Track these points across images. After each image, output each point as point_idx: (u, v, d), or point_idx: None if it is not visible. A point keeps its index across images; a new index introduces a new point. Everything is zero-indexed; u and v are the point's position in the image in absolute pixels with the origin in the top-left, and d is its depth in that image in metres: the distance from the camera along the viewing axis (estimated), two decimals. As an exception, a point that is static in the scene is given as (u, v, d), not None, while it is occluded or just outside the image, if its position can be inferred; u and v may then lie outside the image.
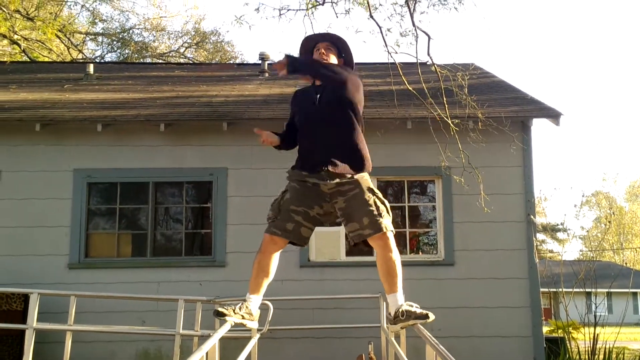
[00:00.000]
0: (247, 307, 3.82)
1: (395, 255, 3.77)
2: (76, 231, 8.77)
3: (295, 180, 3.92)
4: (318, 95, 3.94)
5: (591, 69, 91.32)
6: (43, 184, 8.86)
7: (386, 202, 3.88)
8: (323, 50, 4.01)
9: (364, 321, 7.86)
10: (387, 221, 3.78)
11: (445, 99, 8.24)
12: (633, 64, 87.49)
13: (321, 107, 3.92)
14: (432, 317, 3.62)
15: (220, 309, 3.78)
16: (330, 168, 3.80)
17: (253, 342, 5.01)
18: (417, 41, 8.50)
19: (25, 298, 7.80)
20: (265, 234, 3.86)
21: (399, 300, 3.77)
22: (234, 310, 3.75)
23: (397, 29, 11.19)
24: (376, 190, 3.88)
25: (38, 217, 8.76)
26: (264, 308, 5.64)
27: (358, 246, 3.99)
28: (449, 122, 8.09)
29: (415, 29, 8.60)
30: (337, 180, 3.81)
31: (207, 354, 3.07)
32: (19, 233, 8.72)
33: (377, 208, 3.78)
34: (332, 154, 3.83)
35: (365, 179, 3.87)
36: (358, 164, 3.87)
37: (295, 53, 4.18)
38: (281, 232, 3.82)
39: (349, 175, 3.83)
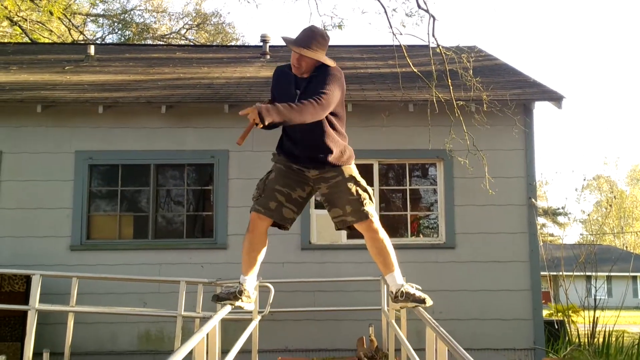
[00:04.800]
0: (243, 290, 3.85)
1: (382, 235, 3.81)
2: (78, 213, 8.78)
3: (281, 162, 3.95)
4: (298, 92, 3.81)
5: (594, 52, 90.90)
6: (44, 166, 8.86)
7: (369, 189, 3.91)
8: (295, 61, 3.76)
9: (364, 304, 7.90)
10: (369, 208, 3.82)
11: (450, 81, 8.22)
12: (635, 48, 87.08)
13: None
14: (429, 302, 3.66)
15: (219, 295, 3.84)
16: (310, 167, 3.85)
17: (254, 324, 5.03)
18: (421, 22, 8.48)
19: (28, 279, 7.83)
20: (252, 213, 3.87)
21: (397, 279, 3.79)
22: (233, 295, 3.80)
23: (403, 9, 11.16)
24: (359, 178, 3.90)
25: (40, 199, 8.77)
26: (265, 290, 5.68)
27: (342, 229, 3.99)
28: (454, 103, 8.07)
29: (419, 10, 8.56)
30: (320, 169, 3.86)
31: (207, 335, 3.08)
32: (20, 215, 8.73)
33: (360, 196, 3.81)
34: (312, 153, 3.82)
35: (348, 166, 3.90)
36: (338, 159, 3.86)
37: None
38: (264, 210, 3.83)
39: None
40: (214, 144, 9.00)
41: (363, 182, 3.90)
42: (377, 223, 3.82)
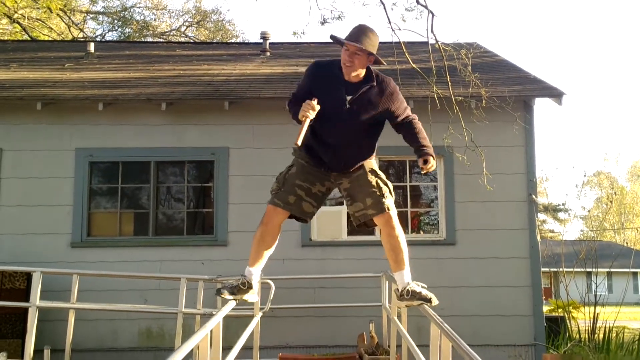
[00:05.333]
0: (247, 282, 3.86)
1: (399, 232, 3.82)
2: (78, 210, 8.79)
3: (303, 158, 3.94)
4: (349, 97, 3.73)
5: (594, 48, 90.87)
6: (45, 163, 8.85)
7: (389, 182, 3.94)
8: (347, 57, 3.68)
9: (365, 300, 7.90)
10: (389, 201, 3.84)
11: (449, 77, 8.21)
12: (636, 44, 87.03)
13: (351, 114, 3.74)
14: (435, 301, 3.67)
15: (221, 289, 3.84)
16: (335, 175, 3.91)
17: (255, 320, 5.04)
18: (420, 16, 8.48)
19: (28, 276, 7.83)
20: (268, 205, 3.88)
21: (405, 278, 3.82)
22: (236, 289, 3.80)
23: (402, 3, 11.16)
24: (379, 172, 3.95)
25: (40, 196, 8.76)
26: (266, 287, 5.68)
27: (361, 227, 4.00)
28: (453, 99, 8.06)
29: (418, 6, 8.55)
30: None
31: (211, 331, 3.08)
32: (21, 212, 8.73)
33: (380, 189, 3.84)
34: (342, 163, 3.86)
35: (368, 160, 3.95)
36: (364, 160, 3.94)
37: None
38: (283, 204, 3.84)
39: None
40: (214, 140, 9.00)
41: (383, 175, 3.94)
42: (395, 218, 3.83)
